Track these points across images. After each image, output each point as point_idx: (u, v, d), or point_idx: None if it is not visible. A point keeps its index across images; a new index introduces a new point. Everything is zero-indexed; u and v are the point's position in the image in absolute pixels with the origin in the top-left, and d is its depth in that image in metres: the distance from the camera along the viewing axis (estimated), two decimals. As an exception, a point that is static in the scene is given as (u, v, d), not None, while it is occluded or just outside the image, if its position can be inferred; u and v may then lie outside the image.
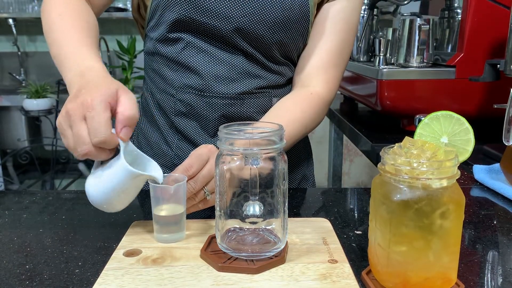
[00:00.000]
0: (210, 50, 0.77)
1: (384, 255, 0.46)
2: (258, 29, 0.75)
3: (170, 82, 0.81)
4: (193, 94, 0.79)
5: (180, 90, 0.80)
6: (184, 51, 0.78)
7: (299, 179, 0.92)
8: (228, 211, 0.53)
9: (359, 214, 0.71)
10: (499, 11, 1.07)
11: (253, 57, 0.78)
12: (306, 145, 0.96)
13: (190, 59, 0.78)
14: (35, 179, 2.67)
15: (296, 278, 0.49)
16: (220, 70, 0.77)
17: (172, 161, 0.83)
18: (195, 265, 0.52)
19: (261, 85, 0.80)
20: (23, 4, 2.68)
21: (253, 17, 0.74)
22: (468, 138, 0.51)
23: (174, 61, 0.79)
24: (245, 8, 0.74)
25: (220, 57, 0.77)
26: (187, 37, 0.77)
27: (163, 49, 0.79)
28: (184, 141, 0.82)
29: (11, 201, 0.75)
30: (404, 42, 1.16)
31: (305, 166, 0.94)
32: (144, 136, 0.88)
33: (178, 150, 0.83)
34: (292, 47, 0.80)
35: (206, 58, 0.77)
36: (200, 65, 0.77)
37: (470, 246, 0.59)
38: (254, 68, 0.79)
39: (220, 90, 0.78)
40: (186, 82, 0.79)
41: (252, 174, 0.51)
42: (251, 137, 0.50)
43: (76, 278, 0.51)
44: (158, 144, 0.85)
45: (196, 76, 0.78)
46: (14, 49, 2.77)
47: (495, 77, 1.00)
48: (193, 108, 0.80)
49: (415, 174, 0.44)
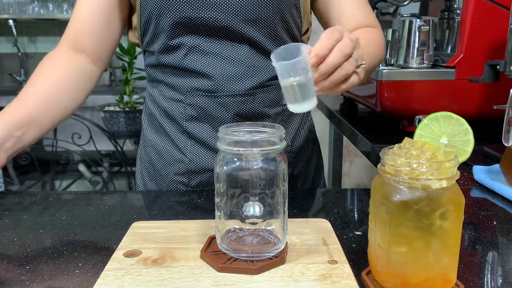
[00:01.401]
0: (214, 48, 0.76)
1: (384, 255, 0.46)
2: (261, 10, 0.74)
3: (177, 88, 0.80)
4: (203, 96, 0.78)
5: (189, 94, 0.79)
6: (188, 56, 0.77)
7: (311, 180, 0.92)
8: (228, 211, 0.53)
9: (359, 214, 0.71)
10: (499, 12, 1.07)
11: (259, 45, 0.77)
12: (316, 145, 0.95)
13: (196, 63, 0.77)
14: (35, 180, 2.67)
15: (296, 278, 0.49)
16: (228, 68, 0.77)
17: (187, 167, 0.83)
18: (195, 265, 0.52)
19: (270, 77, 0.79)
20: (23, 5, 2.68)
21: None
22: (467, 138, 0.51)
23: (179, 68, 0.79)
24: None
25: (226, 54, 0.76)
26: (188, 41, 0.76)
27: (166, 59, 0.79)
28: (197, 145, 0.81)
29: (11, 202, 0.75)
30: (404, 43, 1.16)
31: (316, 166, 0.94)
32: (152, 147, 0.87)
33: (192, 155, 0.82)
34: (291, 21, 0.80)
35: (212, 59, 0.77)
36: (207, 67, 0.77)
37: (470, 247, 0.59)
38: (261, 59, 0.78)
39: (231, 88, 0.77)
40: (195, 85, 0.78)
41: (252, 175, 0.51)
42: (251, 137, 0.50)
43: (76, 278, 0.51)
44: (169, 153, 0.84)
45: (204, 79, 0.77)
46: (14, 50, 2.77)
47: (494, 78, 1.00)
48: (205, 110, 0.79)
49: (415, 175, 0.44)
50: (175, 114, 0.82)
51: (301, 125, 0.88)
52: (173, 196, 0.80)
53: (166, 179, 0.86)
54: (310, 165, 0.92)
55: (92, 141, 2.33)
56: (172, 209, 0.74)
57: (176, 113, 0.82)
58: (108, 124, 2.23)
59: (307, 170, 0.91)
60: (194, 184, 0.84)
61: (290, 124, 0.86)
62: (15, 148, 0.71)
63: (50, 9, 2.61)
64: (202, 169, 0.82)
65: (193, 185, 0.84)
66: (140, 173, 0.93)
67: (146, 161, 0.90)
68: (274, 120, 0.82)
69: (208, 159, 0.82)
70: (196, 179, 0.83)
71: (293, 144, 0.86)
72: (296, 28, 0.82)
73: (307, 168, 0.91)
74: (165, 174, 0.86)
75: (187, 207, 0.74)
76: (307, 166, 0.91)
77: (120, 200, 0.77)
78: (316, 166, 0.94)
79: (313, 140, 0.94)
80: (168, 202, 0.77)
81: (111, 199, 0.78)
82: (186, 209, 0.73)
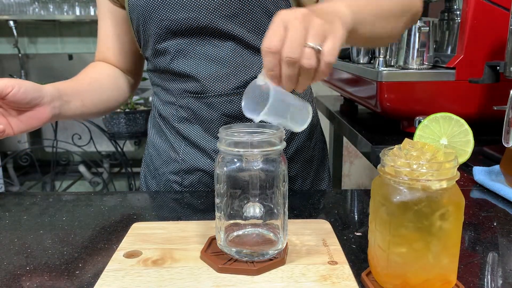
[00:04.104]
0: (199, 50, 0.77)
1: (384, 256, 0.46)
2: (241, 3, 0.73)
3: (170, 91, 0.83)
4: (192, 98, 0.80)
5: (180, 96, 0.82)
6: (174, 60, 0.79)
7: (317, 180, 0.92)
8: (228, 212, 0.53)
9: (359, 215, 0.71)
10: (499, 13, 1.07)
11: (244, 40, 0.76)
12: (319, 146, 0.95)
13: (182, 66, 0.78)
14: (35, 180, 2.67)
15: (296, 279, 0.49)
16: (213, 68, 0.77)
17: (180, 167, 0.85)
18: (195, 266, 0.52)
19: (256, 75, 0.79)
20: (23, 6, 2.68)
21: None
22: (467, 139, 0.51)
23: (168, 72, 0.81)
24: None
25: (210, 55, 0.77)
26: (173, 45, 0.77)
27: (156, 63, 0.82)
28: (189, 146, 0.84)
29: (12, 203, 0.75)
30: (404, 44, 1.16)
31: (316, 168, 0.93)
32: (153, 147, 0.91)
33: (184, 155, 0.84)
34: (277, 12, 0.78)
35: (197, 61, 0.78)
36: (193, 68, 0.78)
37: (470, 248, 0.59)
38: (247, 56, 0.78)
39: (217, 89, 0.78)
40: (183, 87, 0.81)
41: (252, 176, 0.52)
42: (251, 138, 0.50)
43: (77, 279, 0.51)
44: (166, 152, 0.87)
45: (192, 80, 0.79)
46: (14, 51, 2.77)
47: (494, 79, 1.00)
48: (194, 111, 0.81)
49: (415, 176, 0.44)
50: (169, 116, 0.85)
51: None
52: (173, 196, 0.80)
53: (163, 178, 0.89)
54: (311, 167, 0.91)
55: (92, 142, 2.33)
56: (172, 210, 0.74)
57: (169, 115, 0.85)
58: (108, 125, 2.23)
59: (306, 173, 0.90)
60: (187, 184, 0.86)
61: None
62: (60, 111, 0.73)
63: (51, 10, 2.61)
64: (193, 169, 0.85)
65: (185, 184, 0.86)
66: (143, 171, 0.97)
67: (148, 160, 0.94)
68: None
69: (198, 159, 0.84)
70: (188, 179, 0.86)
71: (288, 145, 0.86)
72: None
73: (306, 170, 0.90)
74: (162, 173, 0.89)
75: (187, 207, 0.74)
76: (307, 168, 0.90)
77: (120, 201, 0.77)
78: (316, 169, 0.93)
79: (316, 142, 0.93)
80: (168, 203, 0.77)
81: (111, 200, 0.78)
82: (186, 209, 0.73)
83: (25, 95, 0.65)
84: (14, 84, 0.64)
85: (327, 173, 0.97)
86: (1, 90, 0.63)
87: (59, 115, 0.74)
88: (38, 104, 0.68)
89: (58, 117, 0.74)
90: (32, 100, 0.67)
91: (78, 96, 0.78)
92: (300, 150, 0.88)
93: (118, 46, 0.89)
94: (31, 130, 0.69)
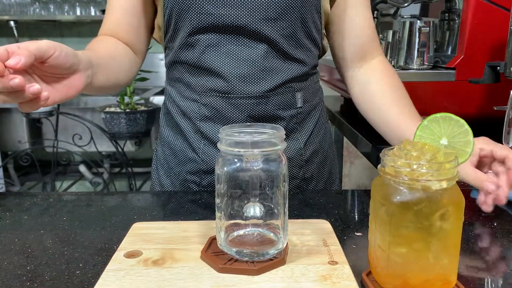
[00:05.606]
0: (231, 48, 0.77)
1: (384, 256, 0.46)
2: (282, 9, 0.74)
3: (193, 87, 0.81)
4: (217, 97, 0.79)
5: (204, 94, 0.80)
6: (205, 54, 0.77)
7: (323, 183, 0.92)
8: (228, 212, 0.53)
9: (359, 215, 0.71)
10: (499, 13, 1.07)
11: (277, 45, 0.77)
12: (331, 149, 0.95)
13: (212, 61, 0.77)
14: (36, 181, 2.67)
15: (296, 279, 0.49)
16: (243, 69, 0.77)
17: (198, 167, 0.84)
18: (196, 266, 0.52)
19: (285, 80, 0.79)
20: (24, 6, 2.68)
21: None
22: (467, 140, 0.51)
23: (196, 66, 0.79)
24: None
25: (241, 55, 0.77)
26: (206, 38, 0.77)
27: (183, 55, 0.80)
28: (209, 145, 0.82)
29: (12, 203, 0.76)
30: (404, 44, 1.16)
31: (329, 170, 0.94)
32: (168, 145, 0.89)
33: (204, 155, 0.83)
34: (311, 23, 0.80)
35: (228, 58, 0.77)
36: (223, 66, 0.77)
37: (470, 248, 0.59)
38: (278, 61, 0.78)
39: (246, 91, 0.78)
40: (209, 85, 0.79)
41: (253, 176, 0.52)
42: (251, 138, 0.51)
43: (77, 279, 0.51)
44: (183, 151, 0.85)
45: (219, 79, 0.78)
46: (15, 51, 2.78)
47: (495, 79, 1.00)
48: (218, 111, 0.80)
49: (415, 176, 0.44)
50: (190, 113, 0.83)
51: (316, 128, 0.88)
52: (173, 197, 0.80)
53: (179, 178, 0.87)
54: (324, 168, 0.92)
55: (93, 142, 2.33)
56: (172, 210, 0.74)
57: (191, 112, 0.83)
58: (109, 125, 2.23)
59: (320, 174, 0.90)
60: (206, 184, 0.85)
61: (304, 127, 0.86)
62: (91, 80, 0.68)
63: (51, 10, 2.62)
64: (212, 169, 0.83)
65: (204, 184, 0.85)
66: (156, 169, 0.94)
67: (162, 159, 0.91)
68: (288, 122, 0.82)
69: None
70: (207, 179, 0.84)
71: (306, 147, 0.86)
72: (315, 30, 0.82)
73: (320, 171, 0.90)
74: (178, 173, 0.87)
75: (187, 207, 0.74)
76: (321, 169, 0.91)
77: (120, 201, 0.77)
78: (329, 170, 0.94)
79: (328, 144, 0.93)
80: (168, 203, 0.77)
81: (112, 200, 0.78)
82: (186, 209, 0.73)
83: (67, 59, 0.59)
84: (56, 46, 0.57)
85: (338, 174, 0.98)
86: (44, 51, 0.55)
87: (89, 85, 0.68)
88: (75, 70, 0.62)
89: (88, 86, 0.68)
90: (72, 66, 0.60)
91: (103, 69, 0.74)
92: (316, 152, 0.88)
93: (134, 22, 0.84)
94: (66, 99, 0.62)
